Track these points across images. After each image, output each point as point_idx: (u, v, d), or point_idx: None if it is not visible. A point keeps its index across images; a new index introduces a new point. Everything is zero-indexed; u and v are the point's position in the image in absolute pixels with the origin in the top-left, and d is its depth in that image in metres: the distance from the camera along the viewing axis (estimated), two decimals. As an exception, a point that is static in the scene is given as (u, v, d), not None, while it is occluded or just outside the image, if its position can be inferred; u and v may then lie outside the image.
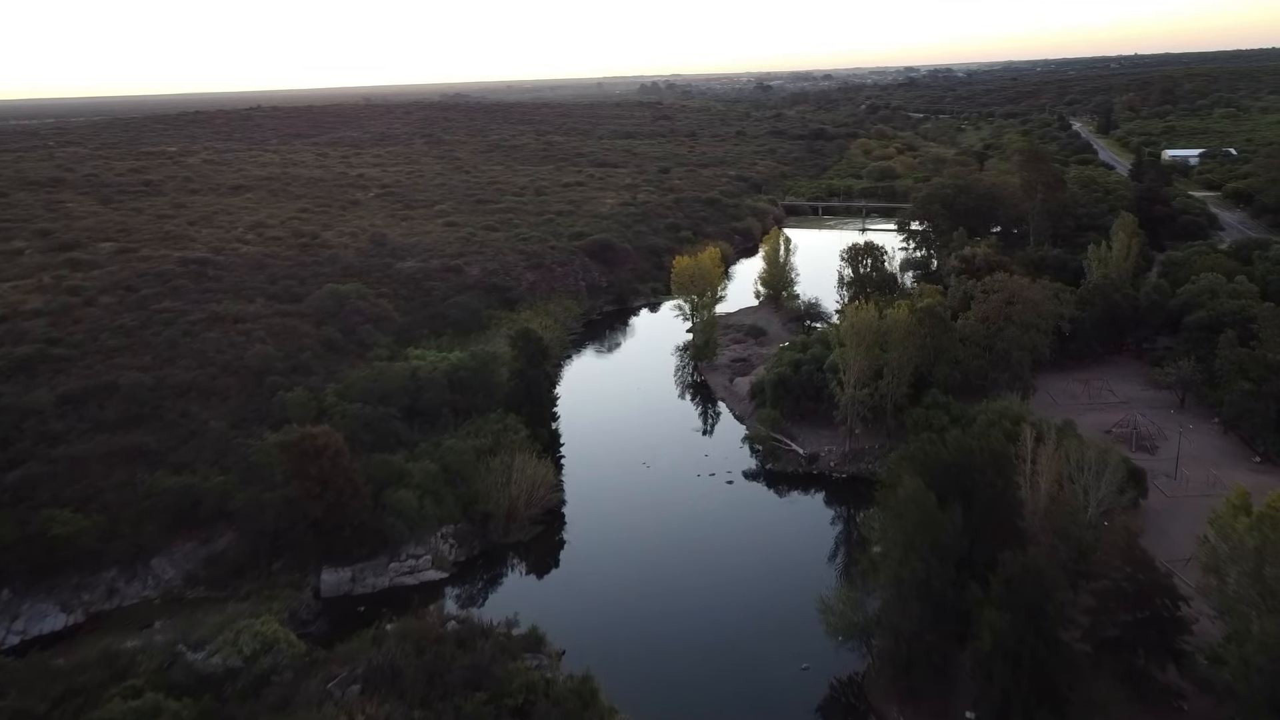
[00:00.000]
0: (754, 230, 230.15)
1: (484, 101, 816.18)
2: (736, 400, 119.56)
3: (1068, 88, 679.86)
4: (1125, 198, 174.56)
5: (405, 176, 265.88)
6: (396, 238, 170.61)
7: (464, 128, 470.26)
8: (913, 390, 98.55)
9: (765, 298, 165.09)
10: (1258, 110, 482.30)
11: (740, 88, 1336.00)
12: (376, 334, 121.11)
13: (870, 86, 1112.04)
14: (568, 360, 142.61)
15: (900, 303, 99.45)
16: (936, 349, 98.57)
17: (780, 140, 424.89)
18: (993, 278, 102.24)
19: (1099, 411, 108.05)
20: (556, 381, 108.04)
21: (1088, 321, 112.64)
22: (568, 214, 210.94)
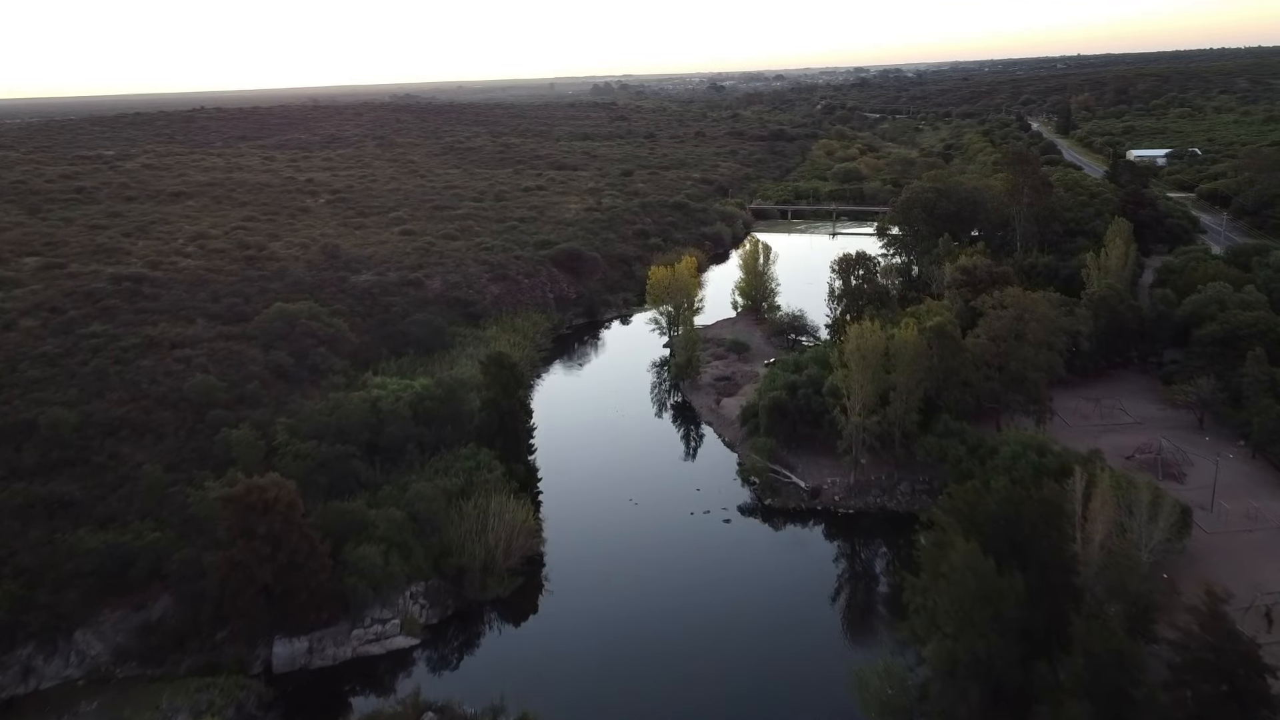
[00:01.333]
0: (724, 236, 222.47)
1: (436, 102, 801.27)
2: (725, 425, 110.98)
3: (1021, 88, 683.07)
4: (1111, 201, 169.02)
5: (357, 181, 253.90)
6: (350, 248, 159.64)
7: (417, 129, 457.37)
8: (921, 416, 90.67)
9: (744, 309, 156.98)
10: (1211, 110, 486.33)
11: (693, 88, 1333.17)
12: (331, 358, 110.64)
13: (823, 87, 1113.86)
14: (538, 380, 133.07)
15: (907, 320, 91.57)
16: (947, 371, 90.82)
17: (740, 141, 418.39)
18: (1004, 292, 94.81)
19: (1115, 433, 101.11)
20: (531, 410, 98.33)
21: (1093, 335, 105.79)
22: (530, 220, 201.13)
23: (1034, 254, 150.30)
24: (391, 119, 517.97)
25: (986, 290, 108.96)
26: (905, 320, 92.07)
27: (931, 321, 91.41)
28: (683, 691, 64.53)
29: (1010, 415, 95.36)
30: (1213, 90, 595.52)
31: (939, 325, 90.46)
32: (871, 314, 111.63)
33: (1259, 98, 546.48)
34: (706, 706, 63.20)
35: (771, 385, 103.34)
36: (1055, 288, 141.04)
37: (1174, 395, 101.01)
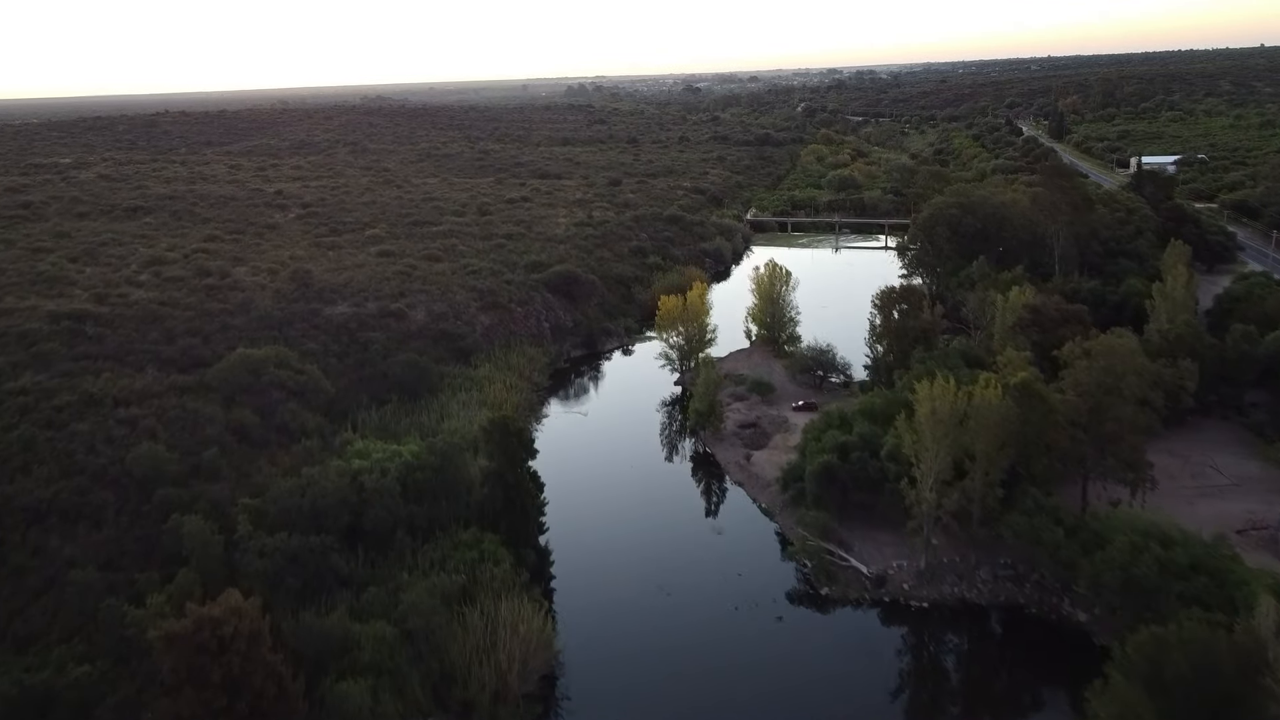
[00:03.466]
0: (724, 252, 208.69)
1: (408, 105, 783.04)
2: (759, 486, 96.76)
3: (1005, 90, 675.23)
4: (1150, 218, 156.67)
5: (329, 193, 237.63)
6: (323, 274, 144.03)
7: (390, 134, 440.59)
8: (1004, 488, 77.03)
9: (759, 338, 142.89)
10: (1202, 113, 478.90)
11: (668, 89, 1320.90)
12: (303, 414, 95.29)
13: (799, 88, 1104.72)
14: (538, 426, 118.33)
15: (985, 377, 77.89)
16: (1034, 436, 77.22)
17: (726, 146, 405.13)
18: (1091, 340, 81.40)
19: (1212, 499, 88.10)
20: (541, 482, 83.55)
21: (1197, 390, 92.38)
22: (518, 238, 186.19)
23: (1076, 278, 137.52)
24: (363, 123, 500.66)
25: (1054, 331, 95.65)
26: (984, 377, 78.24)
27: (1015, 378, 77.68)
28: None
29: (1100, 481, 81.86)
30: (1197, 93, 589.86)
31: (1025, 383, 76.75)
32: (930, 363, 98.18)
33: (1245, 100, 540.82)
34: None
35: (817, 444, 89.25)
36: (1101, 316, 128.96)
37: (1277, 454, 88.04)
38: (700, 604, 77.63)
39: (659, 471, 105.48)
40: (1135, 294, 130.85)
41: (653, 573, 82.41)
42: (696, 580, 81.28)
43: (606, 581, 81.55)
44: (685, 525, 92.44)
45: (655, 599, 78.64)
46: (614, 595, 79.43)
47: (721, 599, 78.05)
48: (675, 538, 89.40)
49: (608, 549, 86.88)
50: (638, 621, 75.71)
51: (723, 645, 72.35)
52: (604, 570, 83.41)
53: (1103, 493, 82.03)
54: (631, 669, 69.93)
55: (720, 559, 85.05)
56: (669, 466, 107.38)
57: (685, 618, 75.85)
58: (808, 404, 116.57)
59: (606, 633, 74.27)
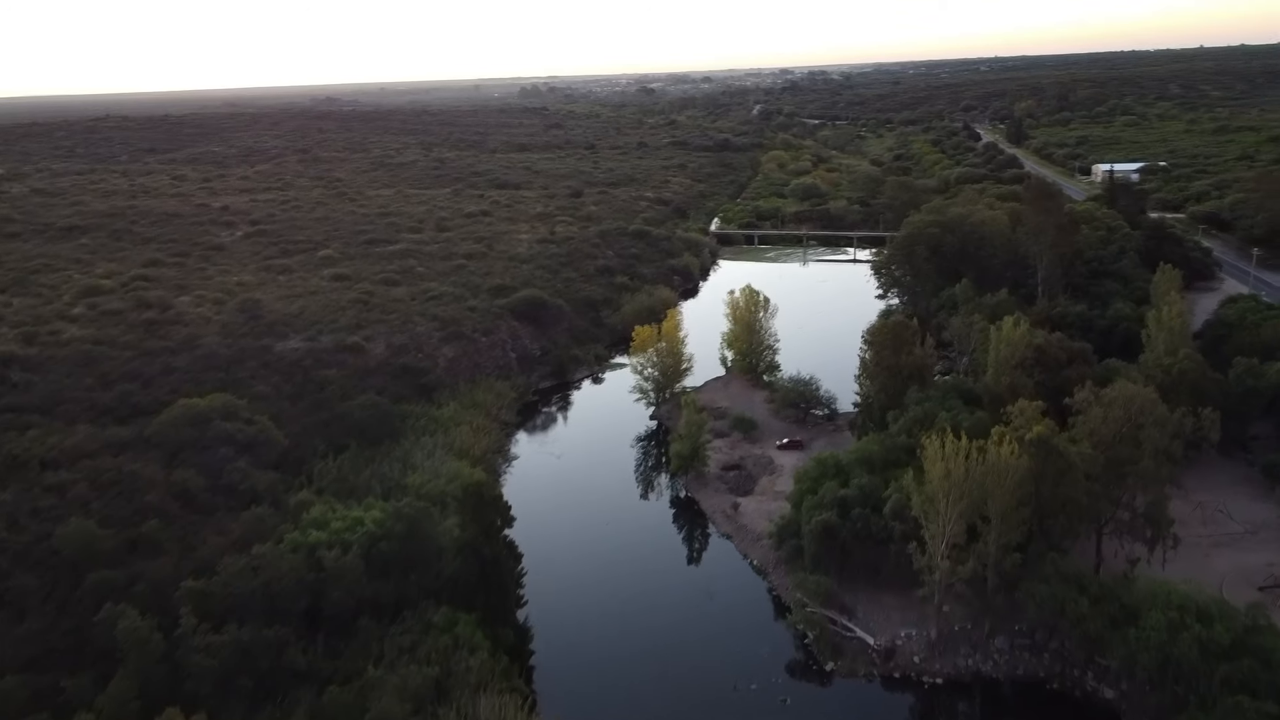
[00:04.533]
0: (692, 268, 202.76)
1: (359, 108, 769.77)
2: (750, 540, 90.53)
3: (960, 93, 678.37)
4: (1132, 236, 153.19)
5: (279, 208, 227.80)
6: (274, 303, 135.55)
7: (341, 140, 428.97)
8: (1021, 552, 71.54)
9: (735, 365, 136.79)
10: (1155, 117, 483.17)
11: (622, 90, 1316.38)
12: (253, 472, 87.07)
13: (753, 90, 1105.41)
14: (507, 469, 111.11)
15: (1000, 430, 72.38)
16: (1052, 496, 71.81)
17: (686, 152, 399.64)
18: (1118, 387, 76.33)
19: (1227, 549, 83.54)
20: (519, 553, 76.45)
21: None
22: (480, 257, 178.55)
23: (1061, 301, 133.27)
24: (313, 128, 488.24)
25: (1059, 372, 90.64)
26: (996, 431, 72.69)
27: (1031, 432, 72.26)
28: None
29: (1116, 537, 76.75)
30: (1149, 96, 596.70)
31: (1042, 437, 71.31)
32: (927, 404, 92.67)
33: (1196, 104, 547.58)
34: None
35: (813, 497, 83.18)
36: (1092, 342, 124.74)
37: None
38: (696, 683, 71.10)
39: (640, 521, 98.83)
40: (1124, 319, 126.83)
41: (642, 645, 75.87)
42: (690, 652, 74.76)
43: (593, 658, 74.77)
44: (673, 586, 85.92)
45: (647, 677, 72.00)
46: (602, 673, 72.75)
47: (719, 675, 71.61)
48: (664, 602, 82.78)
49: (592, 618, 79.93)
50: (630, 707, 68.98)
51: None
52: (589, 644, 76.53)
53: (1119, 549, 76.91)
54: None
55: (714, 627, 78.60)
56: (651, 514, 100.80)
57: (682, 699, 69.27)
58: (793, 442, 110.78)
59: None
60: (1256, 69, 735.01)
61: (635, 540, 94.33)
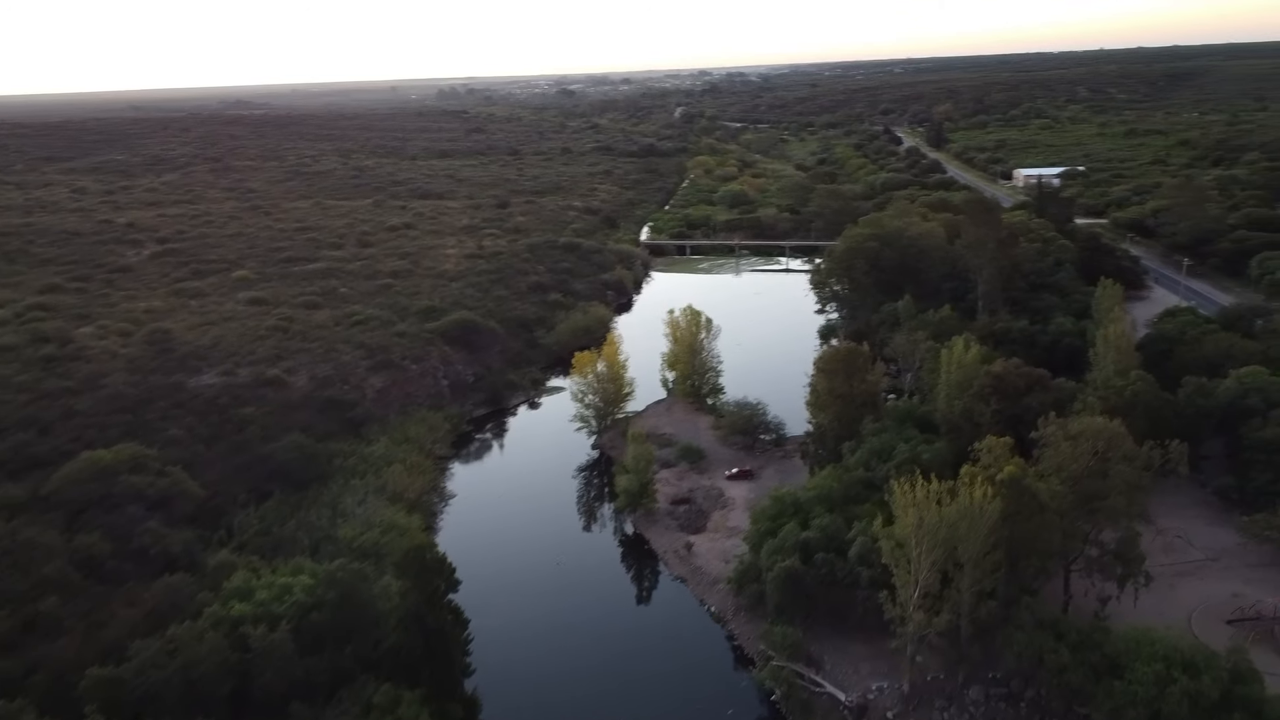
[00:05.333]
0: (625, 282, 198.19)
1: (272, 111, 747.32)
2: (706, 584, 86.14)
3: (879, 96, 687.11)
4: (1067, 248, 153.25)
5: (190, 223, 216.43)
6: (186, 333, 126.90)
7: (255, 148, 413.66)
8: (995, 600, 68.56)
9: (677, 388, 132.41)
10: (1067, 120, 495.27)
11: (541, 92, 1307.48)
12: (166, 532, 79.61)
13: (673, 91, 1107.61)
14: (443, 508, 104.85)
15: (970, 470, 69.25)
16: (1024, 536, 68.93)
17: (612, 158, 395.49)
18: (1085, 422, 73.99)
19: (1191, 579, 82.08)
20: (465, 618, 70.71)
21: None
22: (406, 275, 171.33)
23: (1003, 316, 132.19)
24: (224, 134, 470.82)
25: (1018, 400, 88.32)
26: (966, 471, 69.53)
27: (1002, 472, 69.31)
28: None
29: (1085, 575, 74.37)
30: (1059, 98, 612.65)
31: (1015, 480, 68.38)
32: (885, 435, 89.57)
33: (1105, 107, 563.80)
34: None
35: (773, 540, 79.16)
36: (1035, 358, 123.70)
37: (1256, 528, 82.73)
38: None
39: (588, 564, 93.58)
40: (1066, 333, 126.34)
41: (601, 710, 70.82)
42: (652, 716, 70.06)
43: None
44: (628, 638, 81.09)
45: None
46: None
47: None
48: (620, 654, 78.02)
49: (546, 681, 74.47)
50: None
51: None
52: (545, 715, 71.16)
53: (1090, 588, 74.59)
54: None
55: (674, 686, 73.91)
56: (598, 556, 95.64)
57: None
58: (742, 472, 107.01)
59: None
60: (1157, 72, 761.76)
61: (584, 586, 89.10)
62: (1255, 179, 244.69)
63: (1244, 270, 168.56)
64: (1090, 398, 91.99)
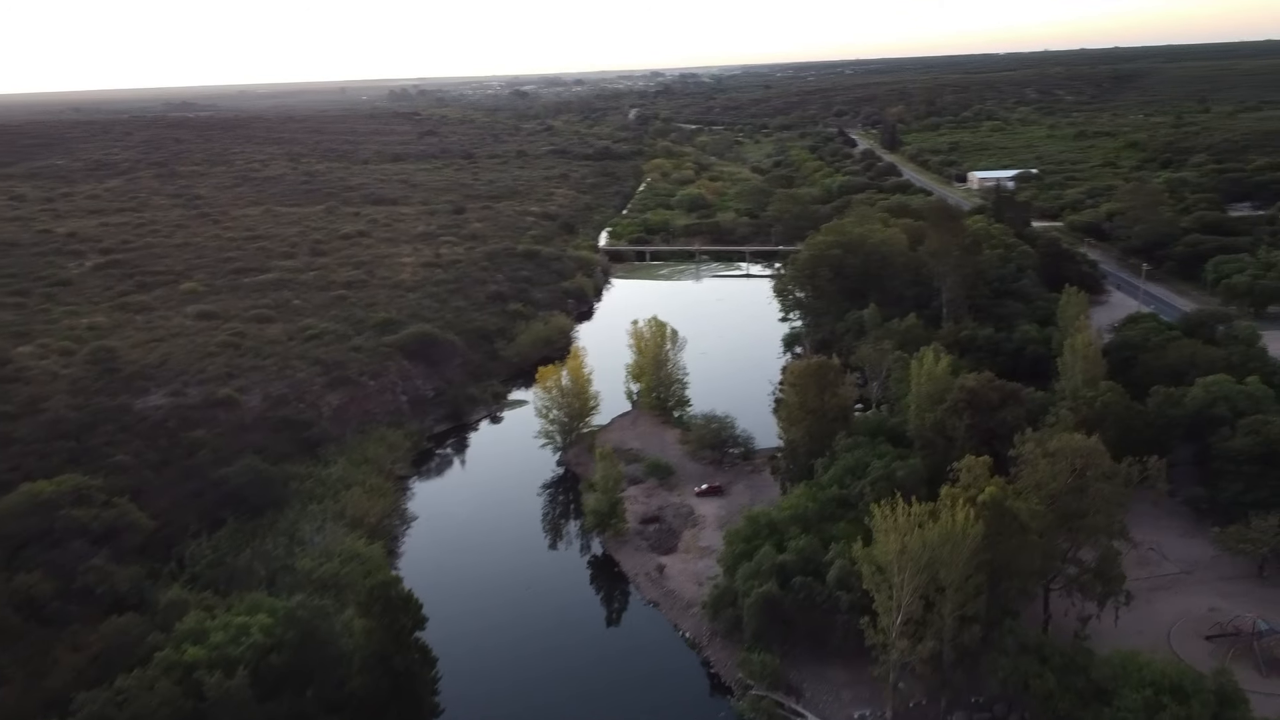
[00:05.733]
0: (586, 290, 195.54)
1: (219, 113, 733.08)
2: (680, 608, 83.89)
3: (832, 98, 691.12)
4: (1029, 254, 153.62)
5: (134, 232, 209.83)
6: (131, 350, 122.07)
7: (201, 152, 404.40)
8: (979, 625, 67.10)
9: (642, 400, 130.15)
10: (1017, 122, 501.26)
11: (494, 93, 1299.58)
12: (113, 569, 75.56)
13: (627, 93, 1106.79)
14: (405, 530, 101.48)
15: (950, 492, 67.83)
16: (1005, 558, 67.67)
17: (567, 161, 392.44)
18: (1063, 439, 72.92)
19: (1166, 593, 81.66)
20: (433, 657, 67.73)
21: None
22: (361, 286, 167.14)
23: (969, 324, 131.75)
24: (169, 138, 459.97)
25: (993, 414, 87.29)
26: (947, 492, 68.08)
27: (984, 494, 67.98)
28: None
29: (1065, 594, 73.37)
30: (1008, 100, 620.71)
31: (996, 501, 67.08)
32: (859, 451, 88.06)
33: (1053, 108, 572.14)
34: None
35: (749, 564, 77.21)
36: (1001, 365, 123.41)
37: (1230, 541, 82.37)
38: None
39: (558, 588, 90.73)
40: (1031, 341, 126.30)
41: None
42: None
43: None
44: (602, 666, 78.59)
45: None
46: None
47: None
48: (594, 684, 75.40)
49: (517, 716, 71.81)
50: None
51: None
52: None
53: (1070, 607, 73.61)
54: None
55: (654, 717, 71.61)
56: (568, 579, 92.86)
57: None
58: (712, 488, 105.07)
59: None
60: (1103, 74, 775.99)
61: (554, 613, 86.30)
62: (1205, 181, 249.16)
63: (1199, 274, 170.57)
64: (1063, 410, 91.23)
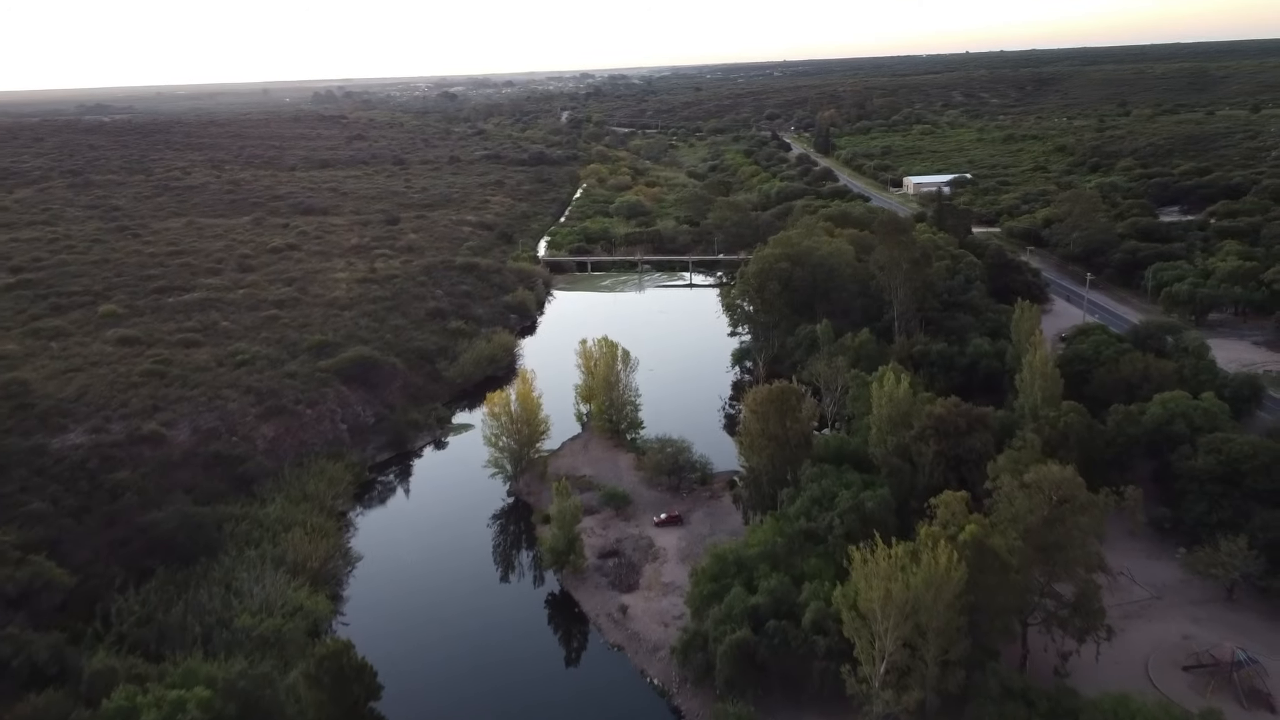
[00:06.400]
0: (528, 304, 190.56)
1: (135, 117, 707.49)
2: (646, 653, 79.98)
3: (763, 101, 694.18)
4: (975, 265, 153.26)
5: (47, 249, 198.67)
6: (45, 382, 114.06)
7: (118, 159, 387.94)
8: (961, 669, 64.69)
9: (594, 424, 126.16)
10: (946, 125, 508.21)
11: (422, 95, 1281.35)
12: (29, 637, 68.99)
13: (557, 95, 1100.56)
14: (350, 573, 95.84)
15: (929, 531, 65.23)
16: (987, 598, 65.33)
17: (502, 167, 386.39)
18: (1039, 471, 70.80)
19: (1139, 620, 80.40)
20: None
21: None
22: (292, 304, 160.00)
23: (921, 339, 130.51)
24: (84, 144, 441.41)
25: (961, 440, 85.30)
26: (925, 531, 65.45)
27: (964, 532, 65.54)
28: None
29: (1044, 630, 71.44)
30: (937, 104, 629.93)
31: (979, 541, 64.68)
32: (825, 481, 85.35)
33: (979, 111, 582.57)
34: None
35: (719, 607, 73.84)
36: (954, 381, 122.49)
37: (1199, 565, 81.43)
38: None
39: (516, 634, 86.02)
40: (984, 355, 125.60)
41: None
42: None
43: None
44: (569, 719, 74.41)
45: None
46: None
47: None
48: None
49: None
50: None
51: None
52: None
53: (1049, 643, 71.74)
54: None
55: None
56: (524, 621, 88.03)
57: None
58: (671, 517, 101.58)
59: None
60: (1025, 77, 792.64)
61: (512, 659, 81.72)
62: (1135, 186, 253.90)
63: (1137, 281, 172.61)
64: (1029, 433, 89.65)
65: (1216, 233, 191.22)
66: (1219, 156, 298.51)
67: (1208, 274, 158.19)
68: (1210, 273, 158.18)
